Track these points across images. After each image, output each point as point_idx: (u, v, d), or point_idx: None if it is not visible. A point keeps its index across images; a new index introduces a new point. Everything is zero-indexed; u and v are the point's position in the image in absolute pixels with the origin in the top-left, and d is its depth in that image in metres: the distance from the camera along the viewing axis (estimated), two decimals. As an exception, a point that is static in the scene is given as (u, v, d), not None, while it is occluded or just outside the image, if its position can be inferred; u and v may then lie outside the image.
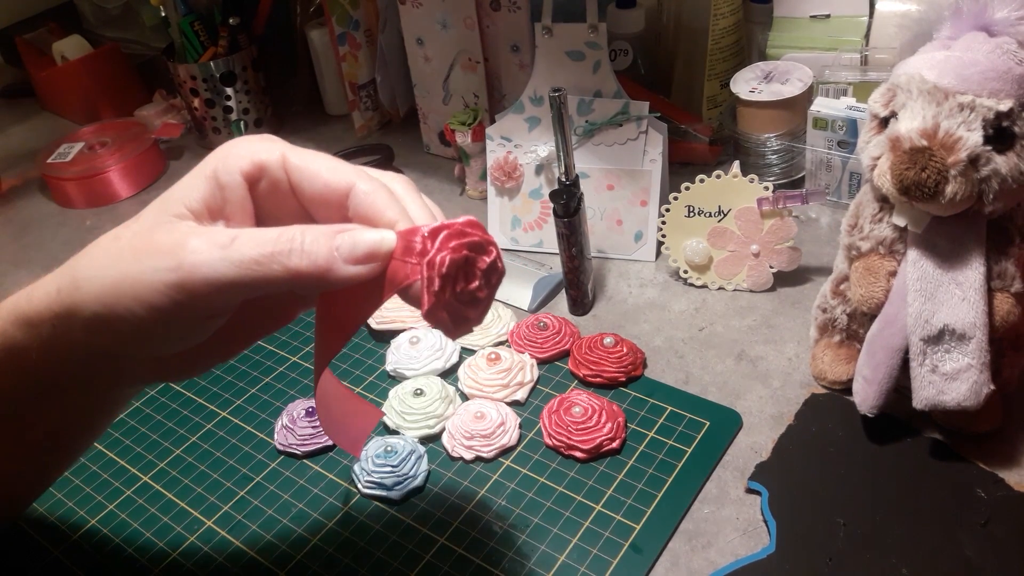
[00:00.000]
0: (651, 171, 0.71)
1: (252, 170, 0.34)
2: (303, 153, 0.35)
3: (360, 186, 0.33)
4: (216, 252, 0.31)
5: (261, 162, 0.34)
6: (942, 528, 0.47)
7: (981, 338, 0.47)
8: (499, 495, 0.53)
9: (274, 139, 0.36)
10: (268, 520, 0.54)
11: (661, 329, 0.65)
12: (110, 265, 0.33)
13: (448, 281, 0.32)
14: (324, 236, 0.32)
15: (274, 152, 0.34)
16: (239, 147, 0.35)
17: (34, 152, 1.01)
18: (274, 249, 0.31)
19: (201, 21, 0.97)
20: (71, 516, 0.56)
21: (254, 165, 0.34)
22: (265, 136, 0.36)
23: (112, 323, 0.33)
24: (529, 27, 0.78)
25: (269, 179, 0.35)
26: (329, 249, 0.32)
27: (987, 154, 0.45)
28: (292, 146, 0.35)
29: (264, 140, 0.35)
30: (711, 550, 0.48)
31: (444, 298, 0.32)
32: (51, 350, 0.35)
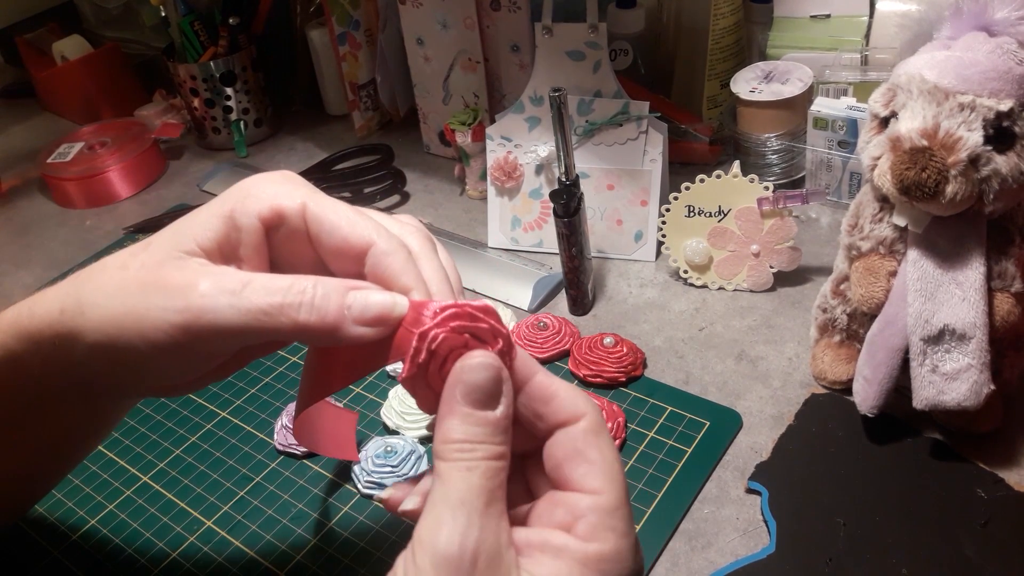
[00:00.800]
0: (651, 171, 0.71)
1: (271, 216, 0.33)
2: (324, 202, 0.34)
3: (379, 245, 0.32)
4: (225, 298, 0.31)
5: (281, 209, 0.33)
6: (942, 528, 0.47)
7: (981, 338, 0.47)
8: (499, 495, 0.53)
9: (295, 180, 0.35)
10: (268, 520, 0.54)
11: (661, 329, 0.65)
12: (116, 295, 0.32)
13: (436, 359, 0.30)
14: (336, 292, 0.31)
15: (295, 199, 0.33)
16: (260, 188, 0.34)
17: (34, 152, 1.01)
18: (284, 301, 0.31)
19: (201, 21, 0.97)
20: (71, 516, 0.56)
21: (273, 212, 0.33)
22: (287, 176, 0.35)
23: (113, 354, 0.33)
24: (529, 27, 0.78)
25: (287, 226, 0.34)
26: (339, 307, 0.31)
27: (987, 154, 0.45)
28: (313, 190, 0.34)
29: (286, 182, 0.34)
30: (711, 550, 0.48)
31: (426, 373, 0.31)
32: (51, 365, 0.35)
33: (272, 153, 1.00)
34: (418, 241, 0.35)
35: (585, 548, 0.27)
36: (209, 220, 0.33)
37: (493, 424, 0.29)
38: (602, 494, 0.28)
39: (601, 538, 0.28)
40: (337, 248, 0.33)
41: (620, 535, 0.28)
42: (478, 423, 0.29)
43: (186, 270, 0.32)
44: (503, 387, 0.29)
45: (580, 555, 0.27)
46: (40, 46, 1.15)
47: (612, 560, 0.27)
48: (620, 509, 0.28)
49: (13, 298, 0.35)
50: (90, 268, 0.35)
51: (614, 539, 0.28)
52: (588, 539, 0.28)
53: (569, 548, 0.27)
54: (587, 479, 0.29)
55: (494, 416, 0.29)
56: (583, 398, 0.31)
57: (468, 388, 0.29)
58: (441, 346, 0.30)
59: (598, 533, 0.28)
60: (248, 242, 0.33)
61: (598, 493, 0.28)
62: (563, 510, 0.29)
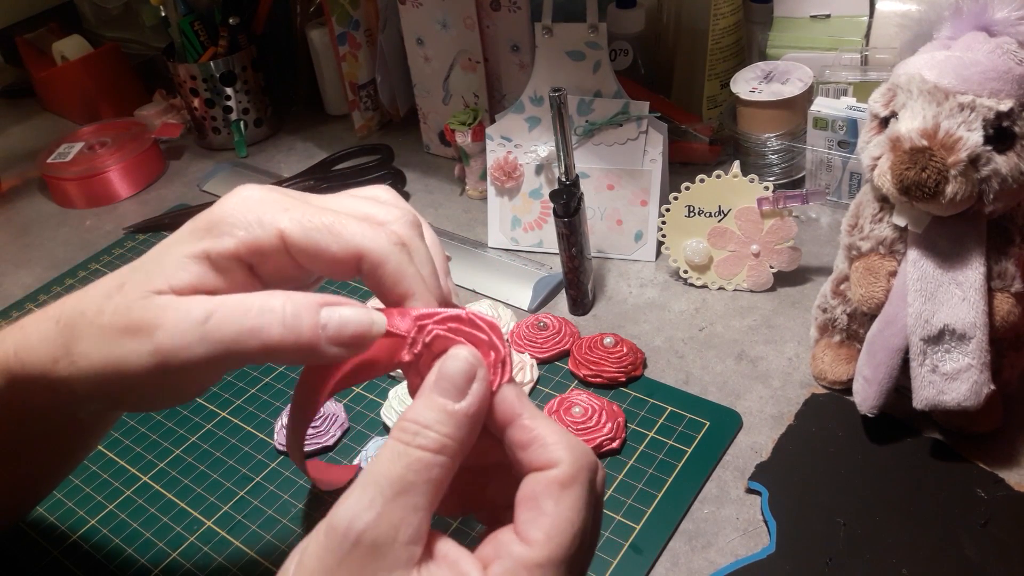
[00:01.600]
0: (651, 171, 0.71)
1: (248, 254, 0.32)
2: (302, 222, 0.31)
3: (370, 257, 0.31)
4: (192, 332, 0.29)
5: (258, 245, 0.31)
6: (942, 528, 0.47)
7: (981, 338, 0.47)
8: (499, 495, 0.53)
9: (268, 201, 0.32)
10: (268, 520, 0.54)
11: (661, 329, 0.65)
12: (98, 344, 0.31)
13: (429, 354, 0.30)
14: (307, 311, 0.30)
15: (270, 229, 0.31)
16: (230, 223, 0.32)
17: (34, 152, 1.01)
18: (253, 325, 0.29)
19: (201, 21, 0.97)
20: (71, 516, 0.56)
21: (250, 250, 0.31)
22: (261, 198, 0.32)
23: (104, 393, 0.33)
24: (529, 27, 0.78)
25: (269, 256, 0.32)
26: (313, 326, 0.29)
27: (987, 154, 0.45)
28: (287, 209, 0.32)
29: (260, 206, 0.32)
30: (711, 550, 0.48)
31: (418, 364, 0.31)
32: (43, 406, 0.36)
33: (272, 153, 1.00)
34: (405, 233, 0.33)
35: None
36: (181, 262, 0.32)
37: (449, 414, 0.28)
38: (531, 547, 0.27)
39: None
40: (326, 268, 0.32)
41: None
42: (434, 408, 0.28)
43: (151, 309, 0.31)
44: (474, 385, 0.29)
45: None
46: (40, 46, 1.15)
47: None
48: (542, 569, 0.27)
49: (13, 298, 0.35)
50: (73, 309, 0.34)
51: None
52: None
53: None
54: (527, 527, 0.27)
55: (453, 408, 0.28)
56: (565, 447, 0.29)
57: (439, 375, 0.29)
58: (436, 342, 0.30)
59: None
60: (227, 280, 0.32)
61: (528, 544, 0.27)
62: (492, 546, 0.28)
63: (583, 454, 0.29)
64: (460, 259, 0.75)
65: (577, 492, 0.28)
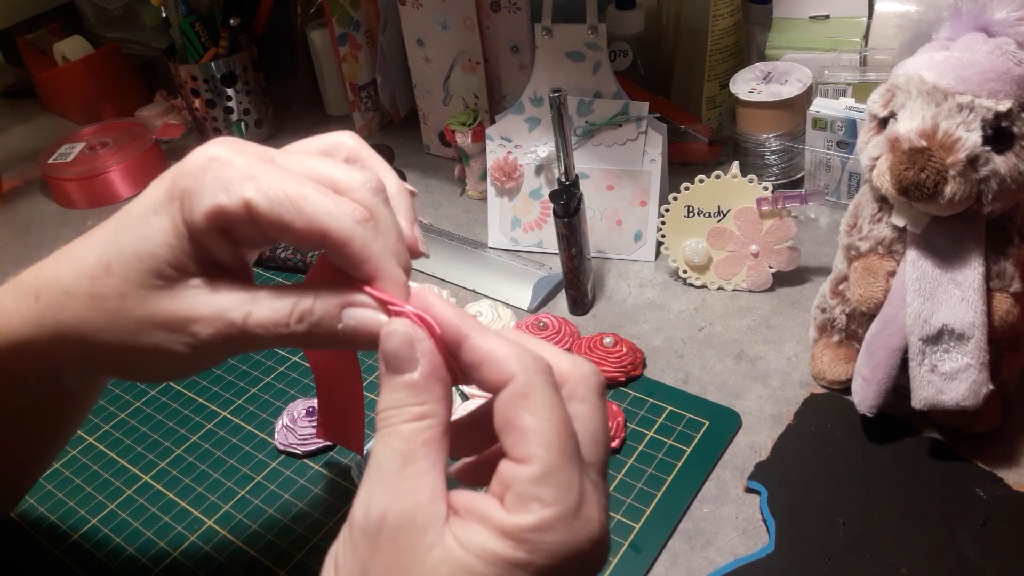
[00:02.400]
0: (651, 171, 0.71)
1: (217, 223, 0.31)
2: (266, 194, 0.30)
3: (334, 236, 0.30)
4: (229, 332, 0.32)
5: (225, 215, 0.31)
6: (941, 528, 0.47)
7: (980, 338, 0.47)
8: (499, 495, 0.53)
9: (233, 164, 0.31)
10: (268, 519, 0.54)
11: (661, 329, 0.65)
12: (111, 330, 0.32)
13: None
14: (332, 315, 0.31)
15: (235, 200, 0.30)
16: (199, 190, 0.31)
17: (35, 152, 1.01)
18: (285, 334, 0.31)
19: (202, 22, 0.97)
20: (71, 516, 0.56)
21: (220, 220, 0.31)
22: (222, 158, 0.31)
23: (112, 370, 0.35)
24: (529, 28, 0.78)
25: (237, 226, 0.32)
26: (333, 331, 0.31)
27: (986, 154, 0.45)
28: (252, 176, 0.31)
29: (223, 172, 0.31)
30: (710, 549, 0.48)
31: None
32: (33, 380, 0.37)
33: (272, 153, 1.00)
34: (369, 202, 0.32)
35: (504, 520, 0.26)
36: (167, 240, 0.32)
37: (411, 387, 0.29)
38: (528, 463, 0.27)
39: (524, 509, 0.26)
40: (291, 240, 0.32)
41: (545, 504, 0.26)
42: (396, 388, 0.29)
43: (179, 300, 0.32)
44: (417, 348, 0.29)
45: (500, 526, 0.26)
46: (41, 46, 1.15)
47: (537, 530, 0.26)
48: (550, 476, 0.27)
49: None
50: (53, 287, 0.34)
51: (538, 509, 0.26)
52: (512, 510, 0.27)
53: (491, 517, 0.27)
54: (516, 449, 0.27)
55: (411, 379, 0.29)
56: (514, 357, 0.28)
57: (384, 357, 0.29)
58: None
59: (521, 504, 0.26)
60: (212, 245, 0.32)
61: (524, 462, 0.27)
62: (497, 480, 0.28)
63: (532, 359, 0.29)
64: (460, 259, 0.75)
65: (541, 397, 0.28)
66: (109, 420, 0.63)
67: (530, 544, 0.26)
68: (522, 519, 0.26)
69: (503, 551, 0.26)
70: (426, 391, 0.29)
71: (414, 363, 0.29)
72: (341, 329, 0.31)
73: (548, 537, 0.26)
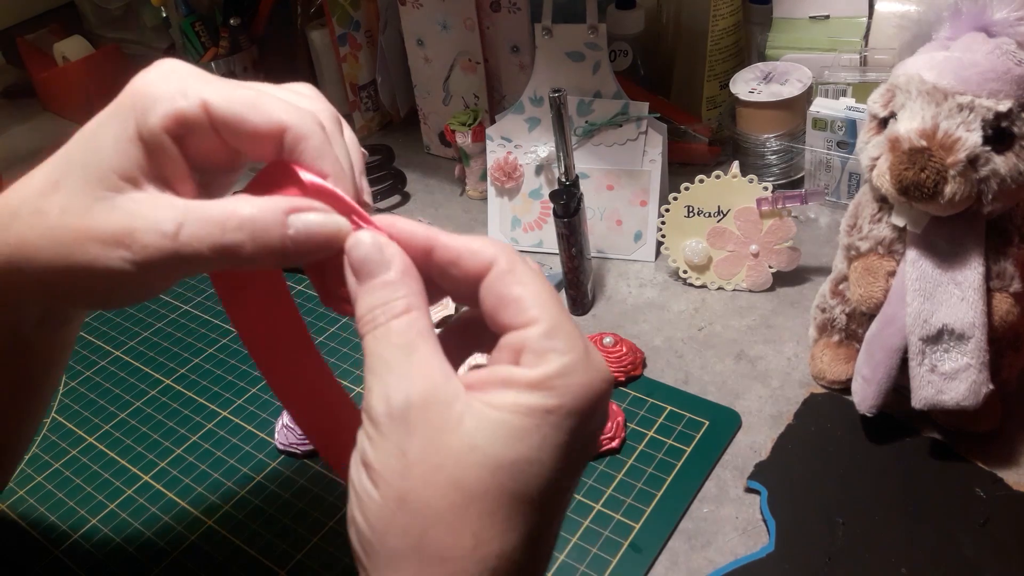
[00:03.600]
0: (651, 171, 0.71)
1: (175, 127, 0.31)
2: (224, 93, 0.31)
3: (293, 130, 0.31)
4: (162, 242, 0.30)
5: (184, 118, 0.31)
6: (941, 527, 0.47)
7: (980, 338, 0.47)
8: (499, 494, 0.53)
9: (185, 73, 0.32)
10: (268, 519, 0.54)
11: (661, 329, 0.65)
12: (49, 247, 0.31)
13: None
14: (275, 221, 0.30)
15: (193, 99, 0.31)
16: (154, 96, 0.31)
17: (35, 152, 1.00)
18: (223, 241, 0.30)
19: (202, 22, 0.97)
20: (71, 516, 0.56)
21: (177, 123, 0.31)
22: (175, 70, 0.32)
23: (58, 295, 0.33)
24: (529, 28, 0.78)
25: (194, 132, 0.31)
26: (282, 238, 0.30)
27: (986, 154, 0.45)
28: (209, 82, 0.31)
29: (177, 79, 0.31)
30: (710, 549, 0.48)
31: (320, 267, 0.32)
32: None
33: (272, 154, 1.00)
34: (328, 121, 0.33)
35: (529, 373, 0.28)
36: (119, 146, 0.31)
37: (390, 285, 0.29)
38: (535, 322, 0.29)
39: (544, 360, 0.28)
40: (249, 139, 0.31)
41: (562, 353, 0.28)
42: (374, 289, 0.29)
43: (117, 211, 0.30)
44: (386, 250, 0.30)
45: (526, 380, 0.28)
46: (41, 47, 1.15)
47: (560, 376, 0.28)
48: (557, 329, 0.29)
49: None
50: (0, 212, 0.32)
51: (556, 358, 0.28)
52: (532, 365, 0.28)
53: (515, 376, 0.28)
54: (518, 316, 0.29)
55: (388, 278, 0.29)
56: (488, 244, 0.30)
57: (354, 265, 0.30)
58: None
59: (540, 358, 0.28)
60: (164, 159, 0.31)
61: (531, 323, 0.29)
62: (506, 351, 0.29)
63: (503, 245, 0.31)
64: (460, 259, 0.75)
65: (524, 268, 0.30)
66: (109, 420, 0.63)
67: (558, 389, 0.28)
68: (545, 368, 0.28)
69: (535, 400, 0.27)
70: (404, 286, 0.29)
71: (386, 264, 0.29)
72: (291, 236, 0.30)
73: (571, 379, 0.28)
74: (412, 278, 0.30)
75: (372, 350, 0.29)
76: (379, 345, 0.28)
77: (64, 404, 0.66)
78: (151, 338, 0.72)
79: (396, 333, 0.28)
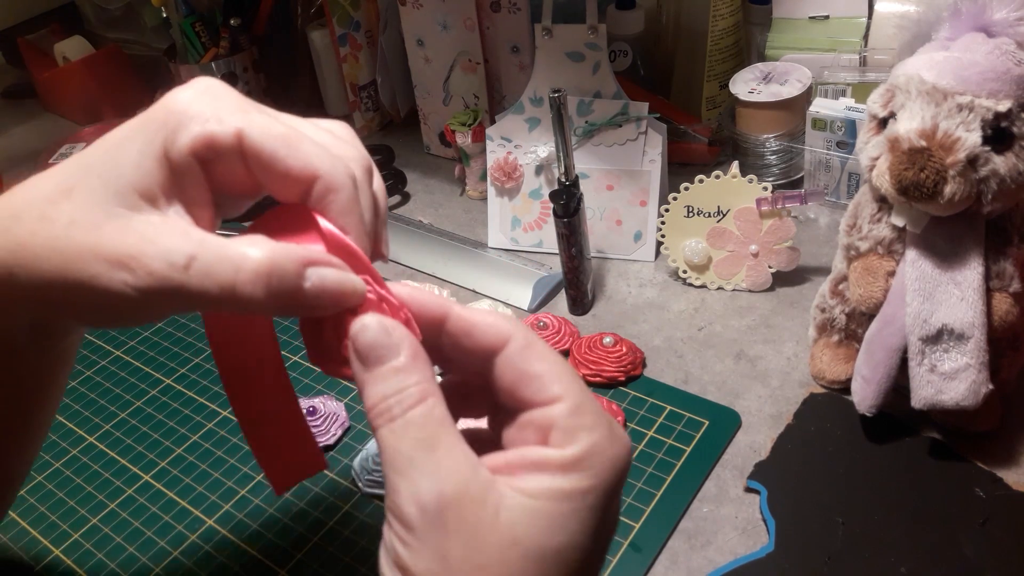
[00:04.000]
0: (650, 171, 0.71)
1: (205, 151, 0.30)
2: (260, 126, 0.30)
3: (324, 180, 0.30)
4: (170, 274, 0.28)
5: (215, 144, 0.29)
6: (941, 527, 0.47)
7: (980, 338, 0.47)
8: (499, 494, 0.53)
9: (224, 97, 0.30)
10: (269, 519, 0.54)
11: (660, 329, 0.65)
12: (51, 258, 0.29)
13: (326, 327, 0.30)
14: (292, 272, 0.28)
15: (228, 127, 0.29)
16: (188, 116, 0.30)
17: (36, 152, 1.01)
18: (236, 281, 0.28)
19: (202, 22, 0.97)
20: (72, 515, 0.56)
21: (207, 147, 0.29)
22: (213, 91, 0.30)
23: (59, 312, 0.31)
24: (529, 28, 0.78)
25: (223, 157, 0.30)
26: (295, 291, 0.28)
27: (986, 154, 0.45)
28: (244, 107, 0.30)
29: (215, 101, 0.30)
30: (710, 549, 0.48)
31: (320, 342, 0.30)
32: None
33: (273, 154, 1.00)
34: (360, 171, 0.32)
35: (562, 455, 0.27)
36: (143, 162, 0.29)
37: (400, 372, 0.28)
38: (560, 399, 0.28)
39: (574, 439, 0.28)
40: (278, 178, 0.30)
41: (590, 430, 0.28)
42: (384, 377, 0.28)
43: (129, 231, 0.29)
44: (395, 333, 0.29)
45: (559, 462, 0.27)
46: (42, 47, 1.15)
47: (592, 455, 0.27)
48: (583, 406, 0.28)
49: None
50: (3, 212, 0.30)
51: (586, 436, 0.28)
52: (564, 445, 0.27)
53: (548, 459, 0.27)
54: (540, 393, 0.28)
55: (399, 363, 0.28)
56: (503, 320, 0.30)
57: (360, 352, 0.28)
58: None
59: (571, 436, 0.28)
60: (188, 183, 0.30)
61: (556, 400, 0.28)
62: (532, 429, 0.29)
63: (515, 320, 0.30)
64: (460, 259, 0.75)
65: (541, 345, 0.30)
66: (109, 420, 0.64)
67: (591, 468, 0.27)
68: (575, 449, 0.27)
69: (570, 484, 0.27)
70: (416, 371, 0.28)
71: (395, 348, 0.28)
72: (306, 288, 0.28)
73: (600, 458, 0.28)
74: (422, 361, 0.29)
75: (391, 446, 0.27)
76: (398, 440, 0.27)
77: (64, 404, 0.66)
78: (151, 338, 0.72)
79: (415, 426, 0.27)
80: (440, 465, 0.27)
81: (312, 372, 0.65)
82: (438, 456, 0.27)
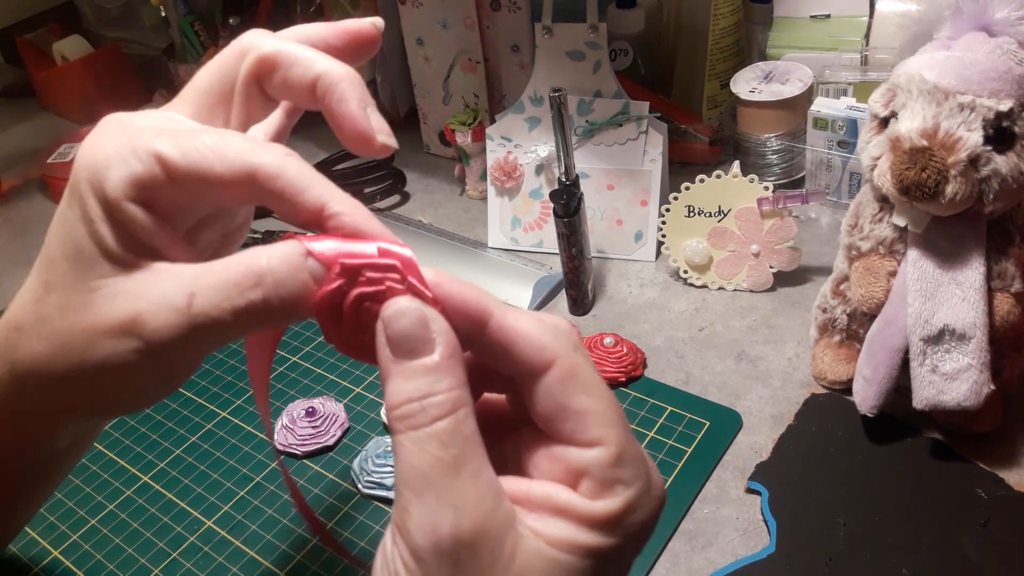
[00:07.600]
0: (651, 171, 0.71)
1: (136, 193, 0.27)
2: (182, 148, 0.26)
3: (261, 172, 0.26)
4: (177, 320, 0.26)
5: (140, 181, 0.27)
6: (942, 528, 0.47)
7: (981, 338, 0.47)
8: (499, 495, 0.53)
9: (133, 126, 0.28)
10: (268, 520, 0.54)
11: (661, 329, 0.65)
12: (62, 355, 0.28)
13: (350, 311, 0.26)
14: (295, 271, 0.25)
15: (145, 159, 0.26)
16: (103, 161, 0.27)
17: (34, 152, 1.01)
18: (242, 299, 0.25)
19: (201, 21, 0.97)
20: (71, 516, 0.56)
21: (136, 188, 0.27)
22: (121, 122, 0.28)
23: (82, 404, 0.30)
24: (529, 27, 0.78)
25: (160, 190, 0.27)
26: (304, 286, 0.25)
27: (987, 154, 0.45)
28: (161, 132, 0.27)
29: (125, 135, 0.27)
30: (711, 550, 0.48)
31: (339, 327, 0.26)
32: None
33: (272, 153, 1.00)
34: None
35: (591, 510, 0.25)
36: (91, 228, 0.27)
37: (432, 371, 0.24)
38: (600, 445, 0.25)
39: (610, 494, 0.25)
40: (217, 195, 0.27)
41: (628, 485, 0.25)
42: (412, 375, 0.24)
43: (118, 298, 0.27)
44: (432, 327, 0.25)
45: (588, 516, 0.24)
46: (40, 46, 1.15)
47: (624, 515, 0.25)
48: (624, 455, 0.25)
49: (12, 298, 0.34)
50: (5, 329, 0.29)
51: (623, 492, 0.25)
52: (595, 497, 0.25)
53: (575, 508, 0.25)
54: (580, 433, 0.25)
55: (432, 361, 0.25)
56: (550, 336, 0.26)
57: (393, 340, 0.25)
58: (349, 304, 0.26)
59: (605, 489, 0.25)
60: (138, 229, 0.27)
61: (595, 445, 0.25)
62: (563, 467, 0.26)
63: (565, 336, 0.27)
64: (460, 259, 0.75)
65: (588, 374, 0.26)
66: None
67: (621, 528, 0.25)
68: (609, 505, 0.25)
69: (595, 542, 0.25)
70: (450, 375, 0.25)
71: (431, 344, 0.25)
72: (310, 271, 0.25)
73: (635, 517, 0.25)
74: (458, 363, 0.25)
75: (409, 459, 0.24)
76: (419, 455, 0.24)
77: (63, 404, 0.66)
78: (151, 338, 0.72)
79: (440, 442, 0.24)
80: (462, 493, 0.24)
81: (312, 372, 0.65)
82: (461, 483, 0.24)
